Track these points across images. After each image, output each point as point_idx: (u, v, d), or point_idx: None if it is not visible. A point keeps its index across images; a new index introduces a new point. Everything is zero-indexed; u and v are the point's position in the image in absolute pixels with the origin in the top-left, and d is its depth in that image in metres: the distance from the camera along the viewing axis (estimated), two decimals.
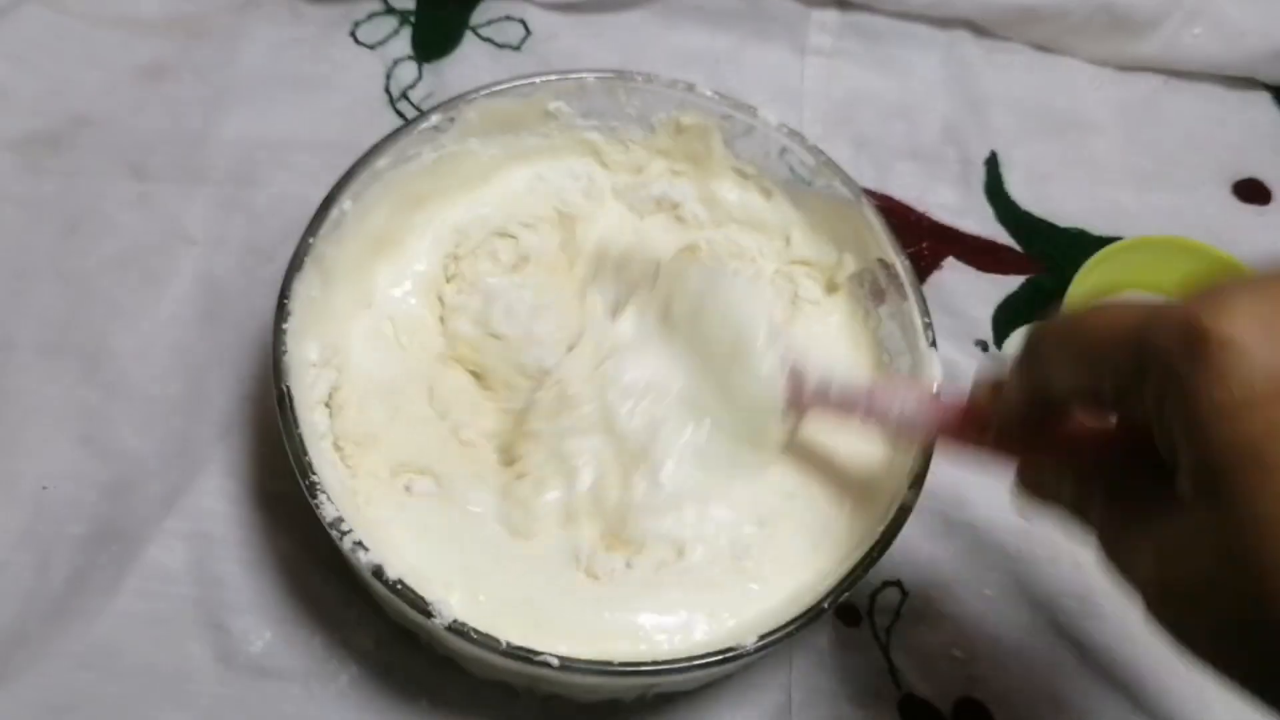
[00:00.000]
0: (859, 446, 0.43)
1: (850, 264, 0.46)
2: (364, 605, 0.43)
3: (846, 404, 0.39)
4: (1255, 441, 0.23)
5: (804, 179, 0.46)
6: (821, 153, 0.45)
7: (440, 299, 0.45)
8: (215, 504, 0.46)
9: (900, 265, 0.43)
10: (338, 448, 0.41)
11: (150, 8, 0.58)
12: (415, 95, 0.57)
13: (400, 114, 0.56)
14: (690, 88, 0.46)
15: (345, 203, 0.42)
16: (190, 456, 0.47)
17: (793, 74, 0.60)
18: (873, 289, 0.45)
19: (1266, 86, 0.62)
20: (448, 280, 0.46)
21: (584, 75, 0.46)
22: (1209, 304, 0.24)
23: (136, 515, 0.45)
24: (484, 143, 0.46)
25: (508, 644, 0.34)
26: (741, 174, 0.48)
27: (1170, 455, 0.25)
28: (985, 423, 0.34)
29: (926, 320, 0.42)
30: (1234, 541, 0.23)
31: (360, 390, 0.42)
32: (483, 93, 0.45)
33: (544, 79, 0.46)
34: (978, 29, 0.62)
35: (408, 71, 0.58)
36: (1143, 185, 0.59)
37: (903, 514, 0.38)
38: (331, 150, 0.50)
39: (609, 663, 0.35)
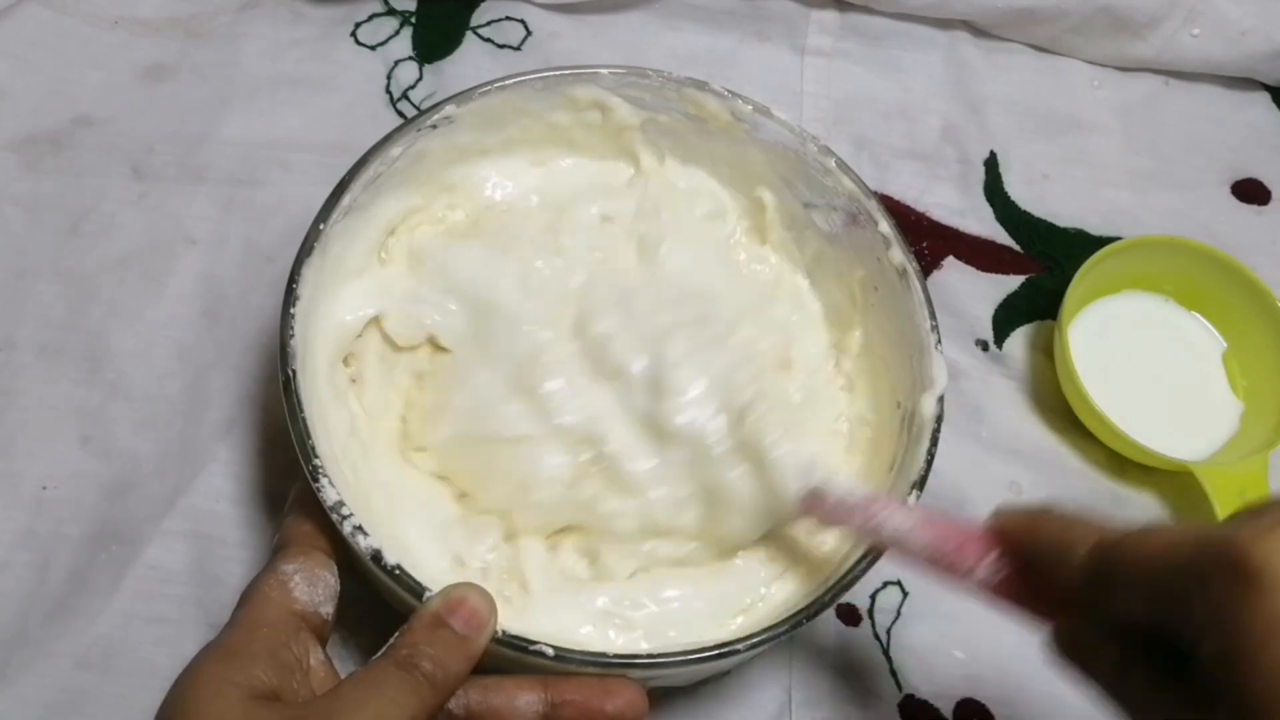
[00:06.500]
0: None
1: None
2: (364, 605, 0.43)
3: (841, 513, 0.38)
4: None
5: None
6: (831, 152, 0.45)
7: None
8: (215, 504, 0.46)
9: (910, 268, 0.43)
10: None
11: (151, 8, 0.58)
12: (416, 96, 0.57)
13: (401, 114, 0.56)
14: (701, 85, 0.46)
15: (356, 190, 0.42)
16: (190, 457, 0.47)
17: (792, 74, 0.60)
18: None
19: (1266, 87, 0.62)
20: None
21: (599, 70, 0.46)
22: (1260, 540, 0.24)
23: (136, 515, 0.45)
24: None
25: (503, 632, 0.34)
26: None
27: (1212, 678, 0.25)
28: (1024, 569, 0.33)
29: (933, 322, 0.42)
30: None
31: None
32: (495, 86, 0.45)
33: (557, 74, 0.45)
34: (977, 30, 0.62)
35: (408, 72, 0.58)
36: (1142, 185, 0.59)
37: None
38: (332, 151, 0.51)
39: (603, 654, 0.35)
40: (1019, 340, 0.53)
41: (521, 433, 0.41)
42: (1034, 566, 0.32)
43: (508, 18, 0.60)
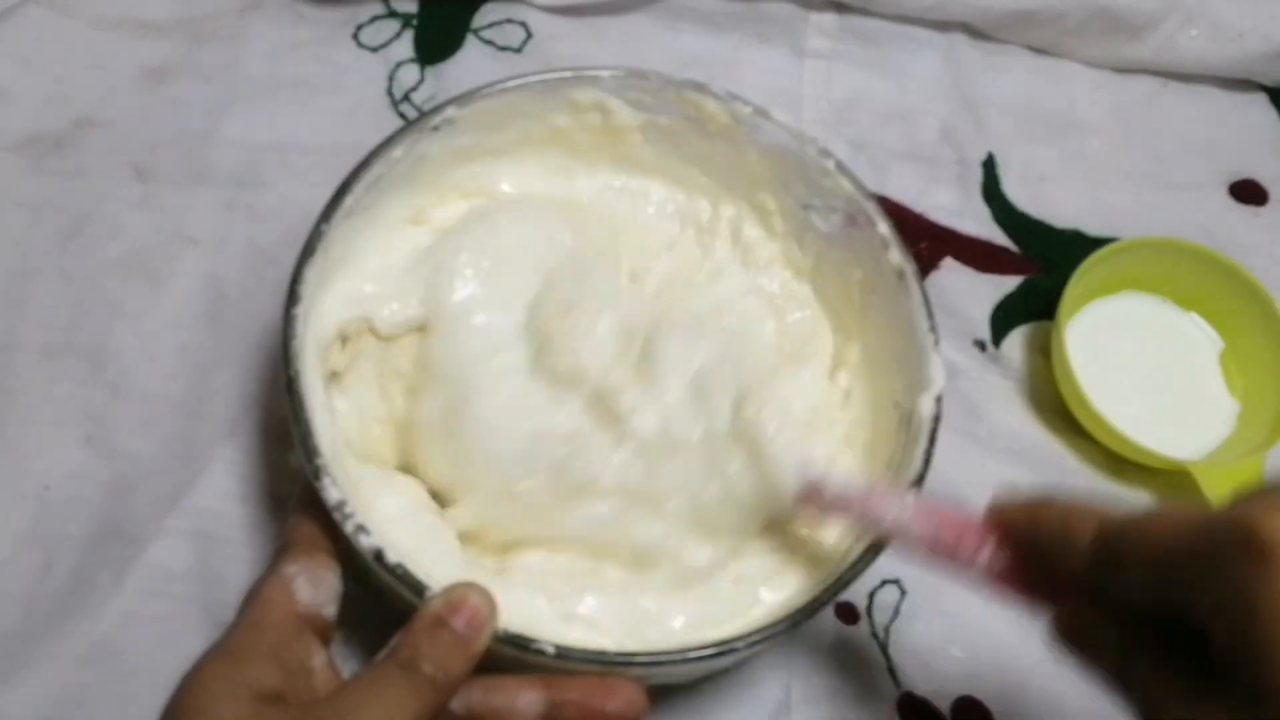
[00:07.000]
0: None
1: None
2: (365, 604, 0.44)
3: (840, 504, 0.38)
4: None
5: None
6: (830, 154, 0.45)
7: None
8: (218, 504, 0.46)
9: (908, 269, 0.43)
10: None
11: (153, 10, 0.58)
12: (418, 98, 0.57)
13: (403, 116, 0.56)
14: (701, 87, 0.46)
15: (359, 191, 0.42)
16: (193, 457, 0.47)
17: (791, 76, 0.60)
18: None
19: (1263, 88, 0.62)
20: None
21: (599, 73, 0.46)
22: (1270, 517, 0.24)
23: (139, 515, 0.45)
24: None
25: (504, 631, 0.35)
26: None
27: (1227, 660, 0.25)
28: (1024, 555, 0.33)
29: (931, 323, 0.42)
30: None
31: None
32: (497, 88, 0.45)
33: (558, 76, 0.46)
34: (975, 32, 0.62)
35: (410, 74, 0.58)
36: (1139, 186, 0.59)
37: None
38: (334, 152, 0.50)
39: (604, 652, 0.35)
40: (1017, 340, 0.54)
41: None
42: (1036, 554, 0.32)
43: (509, 20, 0.60)
